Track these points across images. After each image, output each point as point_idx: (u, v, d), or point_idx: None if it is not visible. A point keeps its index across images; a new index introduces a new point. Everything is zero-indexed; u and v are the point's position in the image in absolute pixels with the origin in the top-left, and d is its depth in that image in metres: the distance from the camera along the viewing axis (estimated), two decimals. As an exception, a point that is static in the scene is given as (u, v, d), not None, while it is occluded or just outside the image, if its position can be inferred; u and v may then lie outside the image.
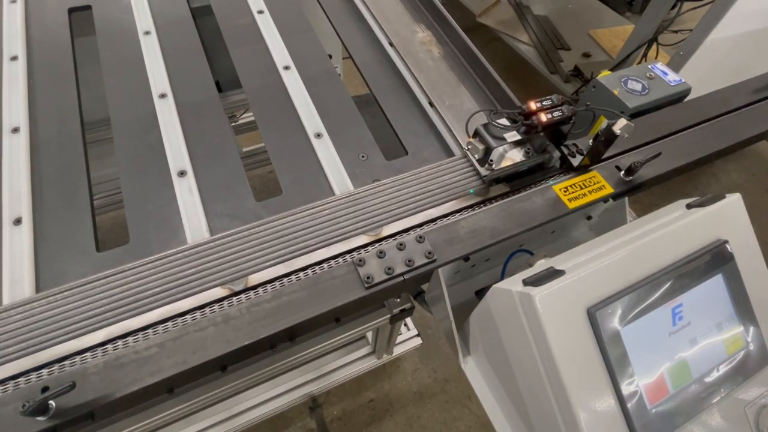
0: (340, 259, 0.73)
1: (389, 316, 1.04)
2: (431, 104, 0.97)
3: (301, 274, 0.71)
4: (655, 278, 0.64)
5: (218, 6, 1.14)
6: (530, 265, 0.81)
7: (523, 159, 0.85)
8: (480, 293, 0.97)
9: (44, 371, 0.61)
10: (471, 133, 0.82)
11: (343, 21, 1.16)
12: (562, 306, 0.60)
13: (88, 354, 0.63)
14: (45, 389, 0.58)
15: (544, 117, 0.77)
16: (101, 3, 1.11)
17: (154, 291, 0.68)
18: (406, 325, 1.75)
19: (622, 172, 0.87)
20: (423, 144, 0.94)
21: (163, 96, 0.95)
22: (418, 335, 1.75)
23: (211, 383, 0.90)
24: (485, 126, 0.81)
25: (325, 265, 0.73)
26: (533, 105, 0.79)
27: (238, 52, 1.05)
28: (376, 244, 0.75)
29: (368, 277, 0.70)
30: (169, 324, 0.65)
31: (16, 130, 0.87)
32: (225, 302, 0.68)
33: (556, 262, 0.70)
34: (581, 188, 0.84)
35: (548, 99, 0.82)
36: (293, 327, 0.67)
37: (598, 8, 3.10)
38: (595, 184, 0.85)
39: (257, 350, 0.69)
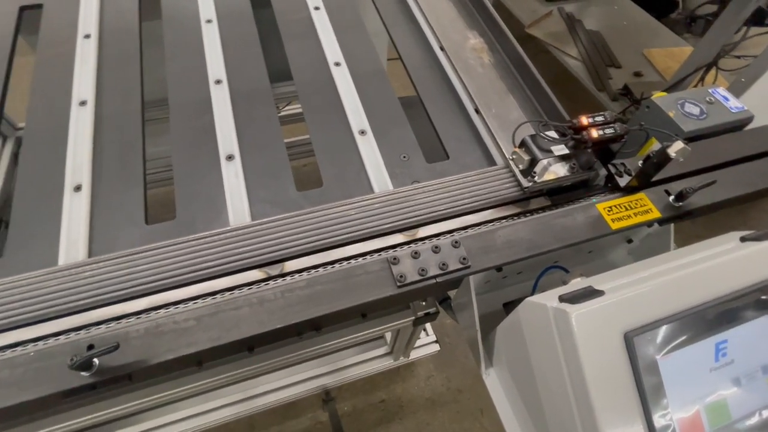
0: (375, 256, 0.74)
1: (413, 318, 1.04)
2: (477, 111, 0.97)
3: (335, 265, 0.73)
4: (700, 310, 0.61)
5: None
6: (564, 283, 0.79)
7: (568, 174, 0.84)
8: (508, 306, 0.95)
9: (91, 330, 0.65)
10: (517, 143, 0.81)
11: (396, 22, 1.17)
12: (599, 327, 0.58)
13: (131, 319, 0.66)
14: (90, 347, 0.62)
15: (595, 133, 0.76)
16: (169, -11, 1.17)
17: (195, 267, 0.71)
18: (425, 330, 1.74)
19: (672, 197, 0.84)
20: (465, 150, 0.94)
21: (218, 82, 0.99)
22: (436, 342, 1.74)
23: (236, 362, 0.93)
24: (532, 137, 0.80)
25: (359, 259, 0.74)
26: (585, 120, 0.77)
27: (292, 45, 1.09)
28: (412, 245, 0.75)
29: (401, 276, 0.70)
30: (207, 300, 0.68)
31: (83, 103, 0.93)
32: (261, 285, 0.70)
33: (595, 281, 0.68)
34: (626, 209, 0.81)
35: (600, 115, 0.80)
36: (323, 316, 0.68)
37: (654, 27, 2.99)
38: (641, 206, 0.82)
39: (285, 335, 0.71)
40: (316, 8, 1.16)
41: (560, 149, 0.79)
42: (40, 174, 0.83)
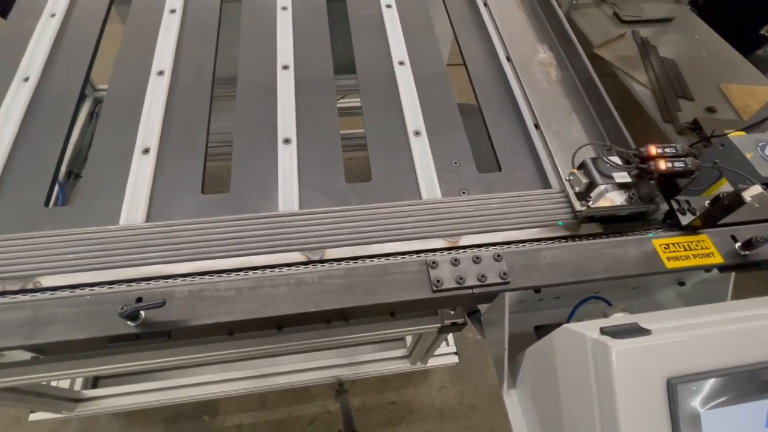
0: (414, 257, 0.74)
1: (439, 325, 1.03)
2: (537, 126, 0.94)
3: (374, 260, 0.73)
4: (757, 368, 0.56)
5: (352, -6, 1.20)
6: (605, 316, 0.76)
7: (625, 204, 0.80)
8: (540, 330, 0.92)
9: (141, 284, 0.69)
10: (576, 164, 0.78)
11: (465, 27, 1.17)
12: (641, 367, 0.55)
13: (177, 280, 0.70)
14: (139, 300, 0.66)
15: (663, 165, 0.72)
16: (251, -25, 1.22)
17: (241, 241, 0.74)
18: (446, 340, 1.72)
19: (738, 244, 0.78)
20: (519, 164, 0.92)
21: (285, 68, 1.02)
22: (455, 353, 1.71)
23: (263, 338, 0.96)
24: (594, 160, 0.77)
25: (398, 258, 0.74)
26: (653, 150, 0.73)
27: (359, 40, 1.10)
28: (452, 251, 0.75)
29: (438, 281, 0.70)
30: (249, 273, 0.71)
31: (161, 73, 0.99)
32: (301, 267, 0.71)
33: (640, 319, 0.64)
34: (685, 249, 0.77)
35: (671, 146, 0.76)
36: (356, 308, 0.69)
37: (736, 62, 2.79)
38: (702, 249, 0.77)
39: (315, 320, 0.73)
40: (388, 6, 1.18)
41: (622, 176, 0.76)
42: (116, 134, 0.90)
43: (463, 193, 0.86)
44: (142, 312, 0.63)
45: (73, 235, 0.73)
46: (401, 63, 1.06)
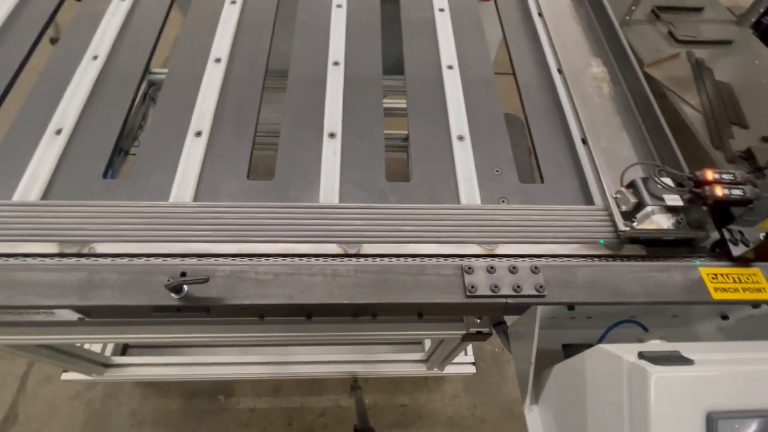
0: (450, 260, 0.74)
1: (464, 332, 1.02)
2: (584, 141, 0.92)
3: (409, 260, 0.74)
4: (809, 414, 0.53)
5: (406, -4, 1.21)
6: (640, 341, 0.73)
7: (672, 228, 0.77)
8: (568, 348, 0.90)
9: (186, 260, 0.72)
10: (625, 183, 0.76)
11: (517, 36, 1.16)
12: (680, 398, 0.53)
13: (219, 259, 0.72)
14: (183, 274, 0.69)
15: (719, 191, 0.69)
16: (309, -28, 1.25)
17: (282, 227, 0.76)
18: (465, 350, 1.70)
19: (794, 282, 0.74)
20: (562, 177, 0.90)
21: (336, 64, 1.04)
22: (473, 363, 1.69)
23: (290, 325, 0.98)
24: (644, 180, 0.75)
25: (433, 260, 0.74)
26: (710, 174, 0.71)
27: (410, 42, 1.11)
28: (489, 259, 0.74)
29: (472, 287, 0.70)
30: (288, 260, 0.73)
31: (218, 60, 1.03)
32: (338, 259, 0.73)
33: (682, 348, 0.62)
34: (735, 282, 0.73)
35: (729, 173, 0.73)
36: (387, 304, 0.69)
37: (799, 91, 2.63)
38: (753, 282, 0.74)
39: (345, 312, 0.74)
40: (441, 10, 1.18)
41: (673, 199, 0.73)
42: (172, 115, 0.94)
43: (503, 201, 0.85)
44: (185, 286, 0.66)
45: (127, 207, 0.77)
46: (450, 67, 1.06)
